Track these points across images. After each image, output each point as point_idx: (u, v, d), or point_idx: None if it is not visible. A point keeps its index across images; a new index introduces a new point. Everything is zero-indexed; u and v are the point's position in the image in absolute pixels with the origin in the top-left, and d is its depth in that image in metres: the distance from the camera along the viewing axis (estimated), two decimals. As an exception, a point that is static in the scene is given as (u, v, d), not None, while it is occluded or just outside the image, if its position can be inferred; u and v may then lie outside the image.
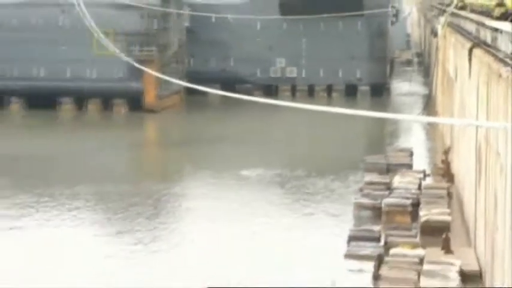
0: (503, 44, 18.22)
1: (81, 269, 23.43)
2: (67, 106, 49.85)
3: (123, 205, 30.51)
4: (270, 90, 54.14)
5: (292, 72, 57.29)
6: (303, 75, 57.14)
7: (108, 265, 24.05)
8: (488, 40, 21.06)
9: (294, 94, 55.85)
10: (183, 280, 22.41)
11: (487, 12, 23.72)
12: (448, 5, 38.25)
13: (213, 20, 55.79)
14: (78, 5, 47.70)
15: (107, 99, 49.62)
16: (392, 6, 63.39)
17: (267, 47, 56.78)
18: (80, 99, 49.83)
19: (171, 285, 22.30)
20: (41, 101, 48.91)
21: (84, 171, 35.83)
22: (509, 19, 19.33)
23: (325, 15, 54.47)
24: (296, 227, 27.41)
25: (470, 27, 26.98)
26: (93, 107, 49.93)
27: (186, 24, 55.18)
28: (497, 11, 21.90)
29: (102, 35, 42.36)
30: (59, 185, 32.84)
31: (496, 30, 19.94)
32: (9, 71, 50.01)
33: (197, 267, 23.45)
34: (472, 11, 28.96)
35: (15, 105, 49.90)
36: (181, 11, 54.27)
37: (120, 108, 49.47)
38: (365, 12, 55.93)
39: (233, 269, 23.46)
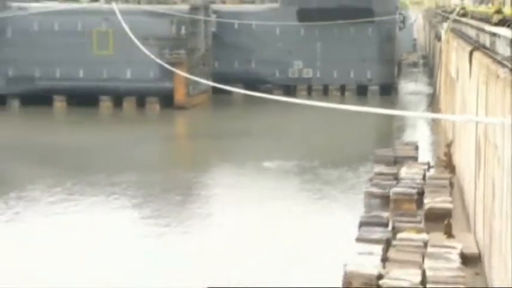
0: (501, 48, 18.22)
1: (120, 247, 23.69)
2: (105, 104, 50.07)
3: (155, 192, 30.62)
4: (289, 89, 54.08)
5: (308, 73, 57.21)
6: (318, 76, 57.06)
7: (142, 244, 24.30)
8: (487, 44, 21.03)
9: (310, 93, 55.79)
10: (211, 257, 22.60)
11: (486, 19, 23.67)
12: (451, 12, 38.20)
13: (237, 26, 56.07)
14: (117, 13, 48.30)
15: (141, 98, 49.76)
16: (400, 14, 63.42)
17: (285, 51, 56.75)
18: (117, 97, 50.04)
19: (199, 261, 22.42)
20: (82, 100, 49.38)
21: (121, 161, 36.02)
22: (507, 25, 19.28)
23: (338, 21, 54.67)
24: (312, 213, 27.42)
25: (471, 32, 26.93)
26: (128, 104, 50.06)
27: (213, 29, 55.23)
28: (496, 18, 21.84)
29: (137, 40, 42.51)
30: (98, 174, 32.99)
31: (494, 35, 19.92)
32: (54, 72, 50.17)
33: (223, 246, 23.66)
34: (473, 17, 28.89)
35: (59, 103, 50.06)
36: (208, 18, 54.37)
37: (153, 106, 49.61)
38: (375, 19, 55.95)
39: (256, 249, 23.59)
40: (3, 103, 50.40)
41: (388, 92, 56.71)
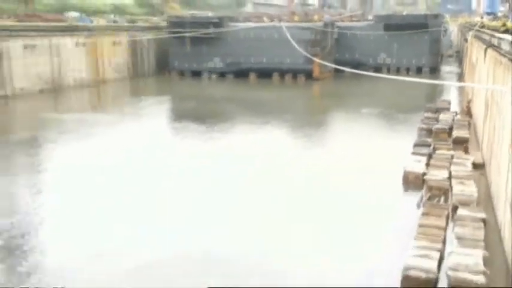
0: (504, 46, 17.43)
1: (285, 152, 23.85)
2: (276, 77, 50.24)
3: (301, 124, 30.82)
4: (377, 70, 52.08)
5: (388, 60, 55.26)
6: (394, 62, 54.97)
7: (295, 150, 24.63)
8: (496, 44, 20.00)
9: (388, 72, 54.05)
10: (326, 156, 22.49)
11: (496, 29, 22.45)
12: (474, 25, 36.35)
13: (348, 34, 54.97)
14: (283, 27, 48.48)
15: (294, 74, 49.73)
16: (444, 26, 61.00)
17: (375, 48, 55.06)
18: (282, 74, 50.13)
19: (324, 157, 22.33)
20: (264, 74, 49.94)
21: (284, 108, 36.48)
22: (509, 32, 18.44)
23: (407, 31, 53.01)
24: (388, 138, 27.11)
25: (486, 37, 25.50)
26: (288, 78, 50.07)
27: (335, 36, 54.40)
28: (502, 29, 20.86)
29: (294, 42, 42.61)
30: (273, 115, 33.33)
31: (500, 39, 18.93)
32: (249, 59, 51.13)
33: (335, 154, 23.54)
34: (488, 28, 27.29)
35: (252, 77, 50.72)
36: (333, 30, 53.69)
37: (301, 78, 49.42)
38: (428, 29, 53.66)
39: (351, 153, 23.25)
40: (223, 77, 51.88)
41: (434, 72, 54.32)
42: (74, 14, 55.69)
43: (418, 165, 19.55)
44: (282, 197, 17.47)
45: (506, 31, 19.83)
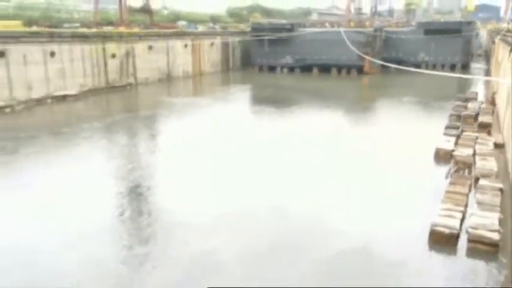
0: (528, 47, 15.89)
1: (331, 126, 23.37)
2: (333, 71, 48.75)
3: (350, 108, 30.06)
4: (417, 66, 48.98)
5: (426, 59, 51.73)
6: (431, 59, 51.42)
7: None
8: (521, 45, 18.38)
9: (426, 68, 50.96)
10: (370, 131, 21.84)
11: (522, 33, 20.59)
12: (501, 30, 33.60)
13: (394, 37, 51.98)
14: (341, 31, 46.96)
15: (349, 69, 47.93)
16: (475, 31, 56.78)
17: (416, 48, 51.75)
18: (339, 68, 48.51)
19: (366, 130, 21.54)
20: (324, 69, 48.69)
21: (338, 95, 35.68)
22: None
23: (444, 35, 49.73)
24: (423, 122, 25.72)
25: (511, 40, 23.46)
26: (343, 72, 48.29)
27: (383, 39, 51.93)
28: (527, 33, 18.97)
29: (349, 43, 41.27)
30: (329, 100, 32.58)
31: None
32: (313, 56, 49.73)
33: (373, 135, 22.54)
34: (515, 32, 25.09)
35: (315, 71, 49.51)
36: (381, 34, 51.28)
37: (354, 73, 47.64)
38: (462, 33, 49.90)
39: (392, 131, 22.40)
40: (292, 71, 51.32)
41: (465, 68, 50.64)
42: (183, 23, 57.67)
43: (448, 143, 18.68)
44: (345, 161, 17.41)
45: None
